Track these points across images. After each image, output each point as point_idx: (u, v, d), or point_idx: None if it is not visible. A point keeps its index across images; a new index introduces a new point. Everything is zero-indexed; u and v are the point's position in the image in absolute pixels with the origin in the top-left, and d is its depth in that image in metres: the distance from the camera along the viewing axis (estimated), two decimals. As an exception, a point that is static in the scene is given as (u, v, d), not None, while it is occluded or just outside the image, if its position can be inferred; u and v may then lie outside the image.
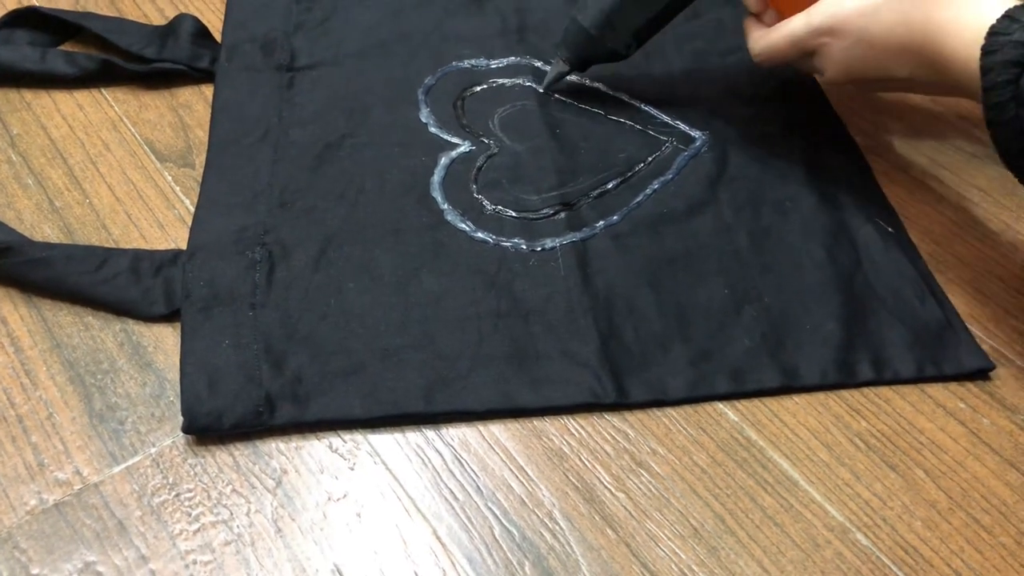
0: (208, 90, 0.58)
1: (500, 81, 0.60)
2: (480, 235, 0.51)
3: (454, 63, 0.61)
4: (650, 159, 0.56)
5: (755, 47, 0.53)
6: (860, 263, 0.51)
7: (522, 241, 0.50)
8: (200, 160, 0.54)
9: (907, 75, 0.47)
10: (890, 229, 0.53)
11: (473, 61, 0.61)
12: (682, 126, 0.58)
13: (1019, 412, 0.46)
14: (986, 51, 0.41)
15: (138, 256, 0.47)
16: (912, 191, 0.56)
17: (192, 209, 0.51)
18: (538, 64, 0.61)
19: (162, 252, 0.48)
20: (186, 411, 0.42)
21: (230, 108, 0.56)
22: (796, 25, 0.50)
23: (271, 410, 0.42)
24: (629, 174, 0.55)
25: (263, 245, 0.48)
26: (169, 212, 0.51)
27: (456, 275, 0.48)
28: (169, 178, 0.53)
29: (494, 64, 0.61)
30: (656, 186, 0.54)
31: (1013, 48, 0.40)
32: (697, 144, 0.57)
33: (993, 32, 0.41)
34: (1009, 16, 0.41)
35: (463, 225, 0.51)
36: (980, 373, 0.47)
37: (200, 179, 0.52)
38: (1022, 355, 0.48)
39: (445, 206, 0.52)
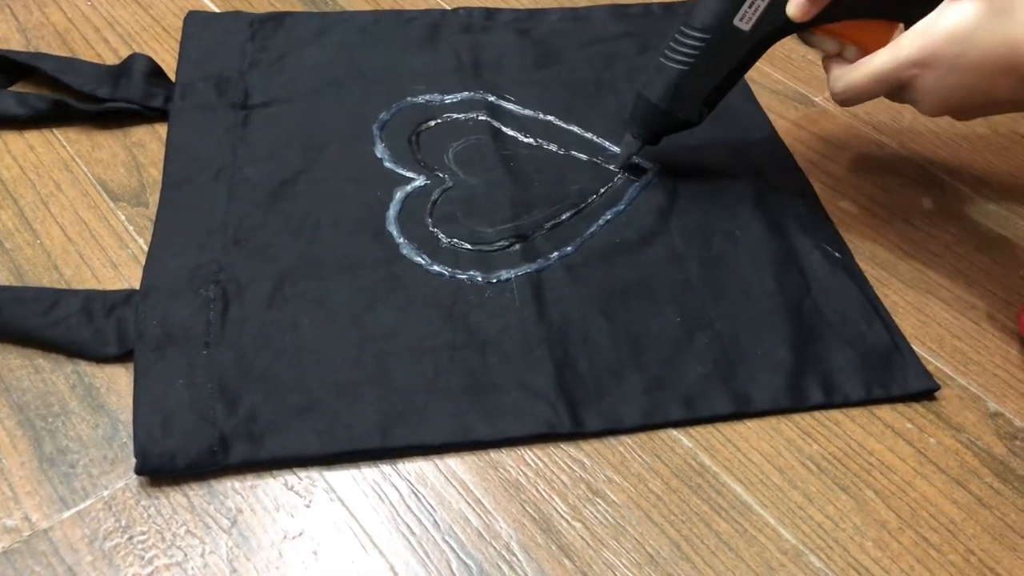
0: (162, 128, 0.58)
1: (455, 116, 0.61)
2: (436, 268, 0.51)
3: (408, 98, 0.62)
4: (602, 191, 0.57)
5: (836, 86, 0.50)
6: (809, 289, 0.52)
7: (478, 273, 0.51)
8: (153, 199, 0.54)
9: (1010, 97, 0.45)
10: (837, 255, 0.54)
11: (427, 96, 0.62)
12: (633, 158, 0.59)
13: (964, 431, 0.47)
14: None
15: (90, 297, 0.47)
16: (856, 216, 0.58)
17: (145, 248, 0.51)
18: (491, 99, 0.62)
19: (115, 292, 0.47)
20: (139, 452, 0.41)
21: (184, 147, 0.56)
22: (881, 60, 0.48)
23: (225, 449, 0.42)
24: (582, 205, 0.56)
25: (217, 283, 0.48)
26: (123, 252, 0.51)
27: (412, 308, 0.49)
28: (123, 217, 0.53)
29: (448, 99, 0.62)
30: (609, 217, 0.55)
31: None
32: (648, 176, 0.58)
33: None
34: None
35: (419, 259, 0.51)
36: (926, 394, 0.48)
37: (153, 218, 0.52)
38: (965, 375, 0.49)
39: (401, 240, 0.52)
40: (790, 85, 0.67)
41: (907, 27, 0.47)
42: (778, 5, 0.49)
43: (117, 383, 0.45)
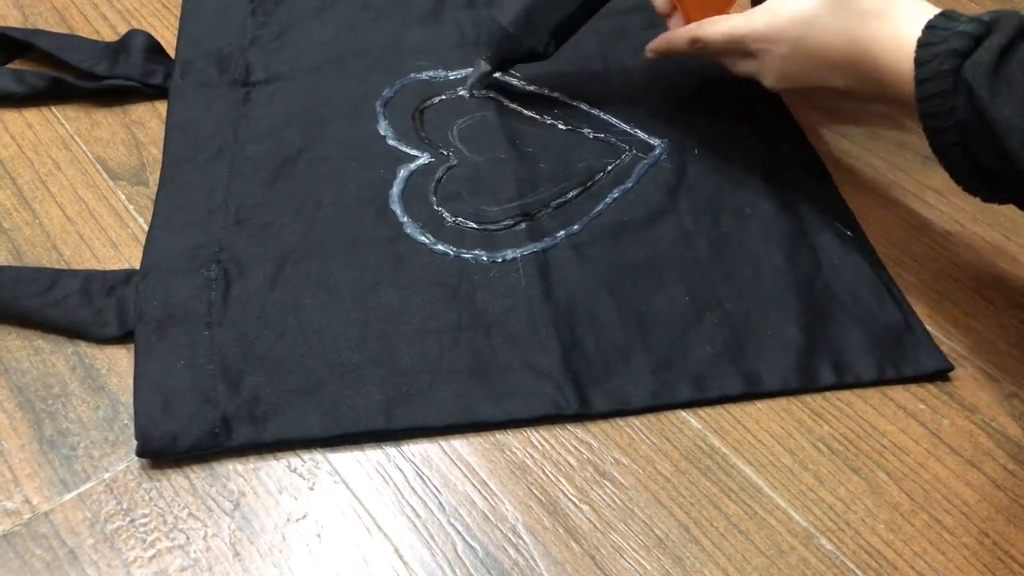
0: (162, 106, 0.57)
1: (460, 92, 0.60)
2: (440, 247, 0.50)
3: (412, 75, 0.61)
4: (609, 168, 0.56)
5: (694, 31, 0.52)
6: (820, 268, 0.51)
7: (483, 253, 0.50)
8: (153, 178, 0.53)
9: (843, 86, 0.47)
10: (849, 233, 0.53)
11: (431, 73, 0.61)
12: (641, 134, 0.58)
13: (978, 412, 0.46)
14: (922, 44, 0.41)
15: (89, 277, 0.46)
16: (868, 194, 0.56)
17: (145, 227, 0.50)
18: (497, 75, 0.61)
19: (114, 272, 0.47)
20: (140, 434, 0.41)
21: (184, 125, 0.55)
22: (737, 24, 0.50)
23: (228, 431, 0.41)
24: (589, 183, 0.55)
25: (219, 263, 0.48)
26: (123, 231, 0.50)
27: (416, 288, 0.48)
28: (123, 196, 0.52)
29: (452, 75, 0.61)
30: (616, 195, 0.54)
31: (957, 39, 0.40)
32: (656, 152, 0.57)
33: (931, 26, 0.41)
34: (945, 14, 0.42)
35: (423, 238, 0.51)
36: (939, 374, 0.47)
37: (153, 197, 0.52)
38: (980, 355, 0.48)
39: (404, 219, 0.52)
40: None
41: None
42: None
43: (118, 364, 0.44)
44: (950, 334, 0.49)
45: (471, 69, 0.61)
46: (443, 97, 0.60)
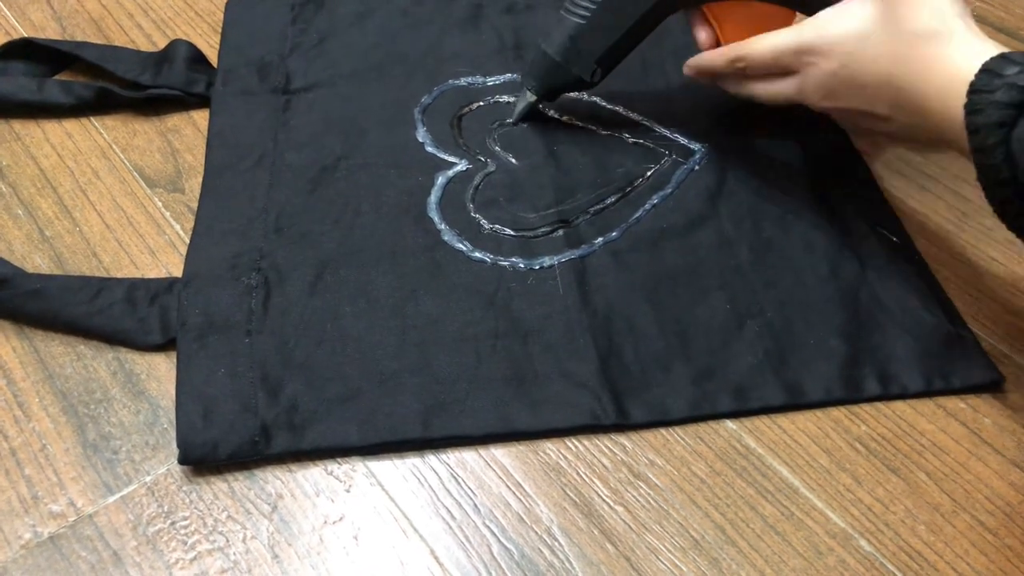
0: (197, 114, 0.58)
1: (497, 98, 0.60)
2: (478, 255, 0.50)
3: (450, 81, 0.61)
4: (649, 173, 0.55)
5: (735, 50, 0.50)
6: (865, 275, 0.50)
7: (520, 260, 0.50)
8: (190, 185, 0.53)
9: (886, 113, 0.45)
10: (895, 239, 0.52)
11: (469, 79, 0.61)
12: (680, 139, 0.57)
13: (1021, 411, 0.45)
14: (969, 110, 0.38)
15: (133, 285, 0.47)
16: (905, 188, 0.55)
17: (182, 234, 0.51)
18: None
19: (157, 280, 0.47)
20: (181, 442, 0.41)
21: (226, 133, 0.56)
22: (785, 37, 0.48)
23: (267, 440, 0.41)
24: (628, 189, 0.54)
25: (259, 271, 0.48)
26: (160, 238, 0.51)
27: (453, 296, 0.48)
28: (159, 204, 0.53)
29: (491, 81, 0.61)
30: (655, 201, 0.54)
31: (997, 109, 0.37)
32: (696, 157, 0.57)
33: (975, 90, 0.38)
34: (988, 71, 0.38)
35: (460, 245, 0.51)
36: (990, 386, 0.46)
37: (190, 204, 0.52)
38: (1022, 353, 0.47)
39: (442, 226, 0.51)
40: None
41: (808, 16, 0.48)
42: None
43: (157, 369, 0.45)
44: (991, 332, 0.48)
45: (510, 75, 0.61)
46: (481, 103, 0.59)
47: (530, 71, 0.55)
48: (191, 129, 0.57)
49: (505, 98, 0.60)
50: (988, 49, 0.40)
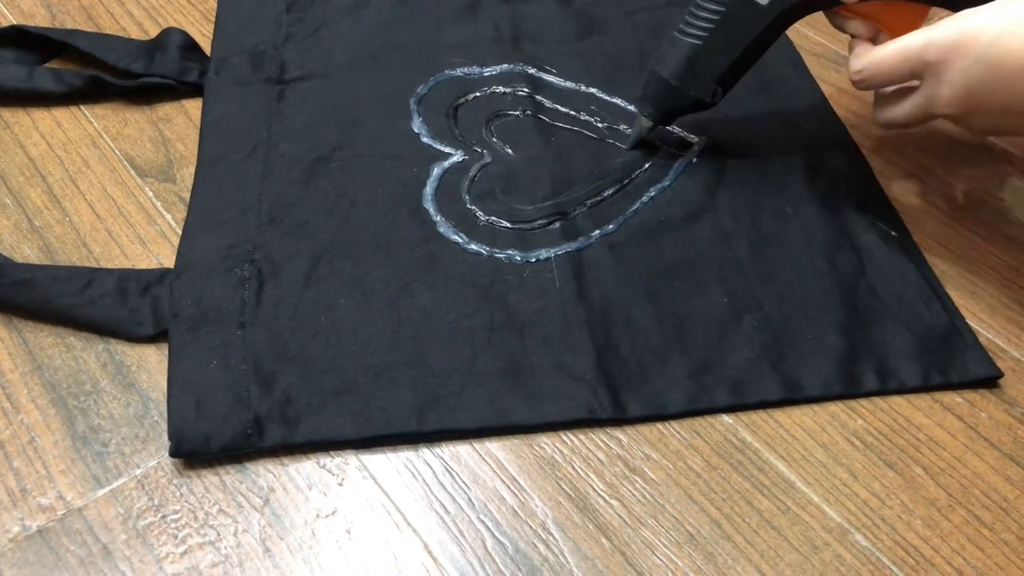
0: (189, 103, 0.57)
1: (494, 89, 0.59)
2: (473, 247, 0.50)
3: (446, 71, 0.60)
4: (647, 165, 0.55)
5: (856, 63, 0.47)
6: (863, 269, 0.50)
7: (516, 252, 0.49)
8: (181, 175, 0.53)
9: None
10: (893, 233, 0.52)
11: (466, 69, 0.60)
12: (679, 131, 0.57)
13: (1017, 405, 0.44)
14: None
15: (125, 276, 0.46)
16: (903, 183, 0.55)
17: (174, 225, 0.50)
18: (531, 71, 0.60)
19: (149, 271, 0.47)
20: (173, 435, 0.40)
21: (219, 123, 0.55)
22: (913, 38, 0.44)
23: (260, 432, 0.41)
24: (625, 181, 0.54)
25: (252, 262, 0.47)
26: (151, 228, 0.50)
27: (449, 288, 0.47)
28: (150, 193, 0.52)
29: (487, 72, 0.60)
30: (653, 193, 0.53)
31: None
32: (694, 149, 0.56)
33: None
34: None
35: (456, 237, 0.50)
36: (988, 381, 0.45)
37: (181, 194, 0.52)
38: (1019, 347, 0.47)
39: (438, 218, 0.51)
40: (830, 47, 0.65)
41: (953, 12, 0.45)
42: None
43: (147, 361, 0.44)
44: (988, 325, 0.48)
45: (507, 66, 0.61)
46: (478, 94, 0.59)
47: (645, 96, 0.52)
48: (183, 118, 0.56)
49: (501, 89, 0.59)
50: None
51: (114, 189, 0.52)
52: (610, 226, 0.51)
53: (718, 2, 0.48)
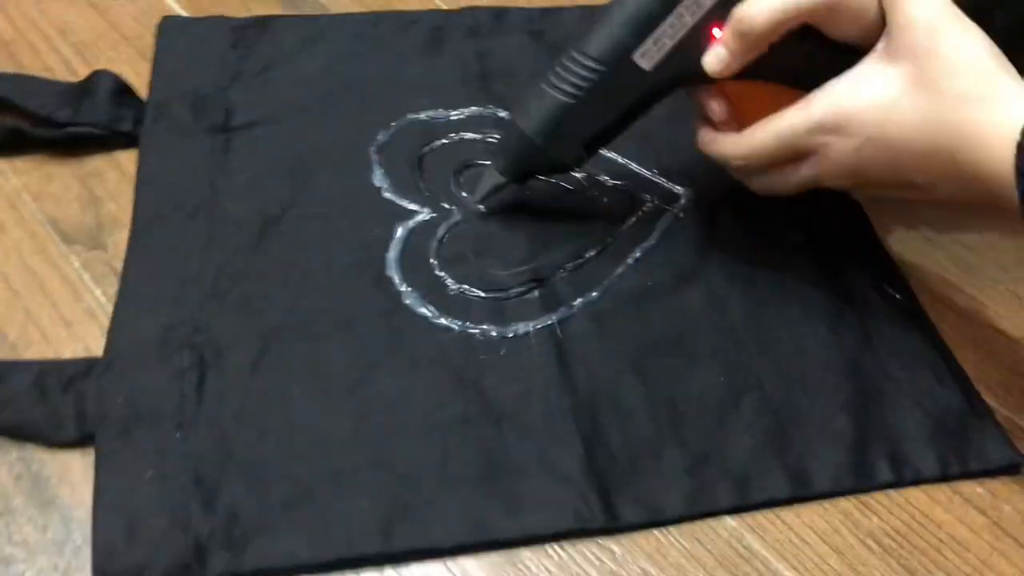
0: (123, 156, 0.51)
1: (462, 135, 0.54)
2: (443, 321, 0.45)
3: (409, 115, 0.55)
4: (631, 221, 0.50)
5: (734, 150, 0.44)
6: (869, 340, 0.46)
7: (492, 327, 0.44)
8: (113, 240, 0.47)
9: (925, 183, 0.40)
10: (898, 296, 0.48)
11: (431, 112, 0.55)
12: (664, 182, 0.53)
13: None
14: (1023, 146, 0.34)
15: (44, 371, 0.40)
16: (903, 239, 0.51)
17: (104, 301, 0.44)
18: (503, 115, 0.55)
19: (73, 362, 0.41)
20: (98, 567, 0.35)
21: (156, 179, 0.49)
22: (792, 120, 0.42)
23: (201, 560, 0.35)
24: (608, 241, 0.49)
25: (193, 348, 0.42)
26: (77, 306, 0.44)
27: (417, 372, 0.42)
28: (77, 264, 0.46)
29: (455, 115, 0.55)
30: (638, 255, 0.49)
31: None
32: (681, 202, 0.52)
33: None
34: None
35: (424, 309, 0.45)
36: (1010, 469, 0.42)
37: (113, 264, 0.45)
38: None
39: (404, 288, 0.46)
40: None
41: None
42: (687, 49, 0.42)
43: (70, 472, 0.38)
44: (1002, 399, 0.44)
45: (476, 108, 0.56)
46: (445, 141, 0.54)
47: (501, 150, 0.47)
48: (116, 174, 0.50)
49: (470, 135, 0.54)
50: None
51: (34, 258, 0.46)
52: (593, 293, 0.47)
53: (598, 60, 0.43)
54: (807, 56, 0.42)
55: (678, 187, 0.52)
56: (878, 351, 0.45)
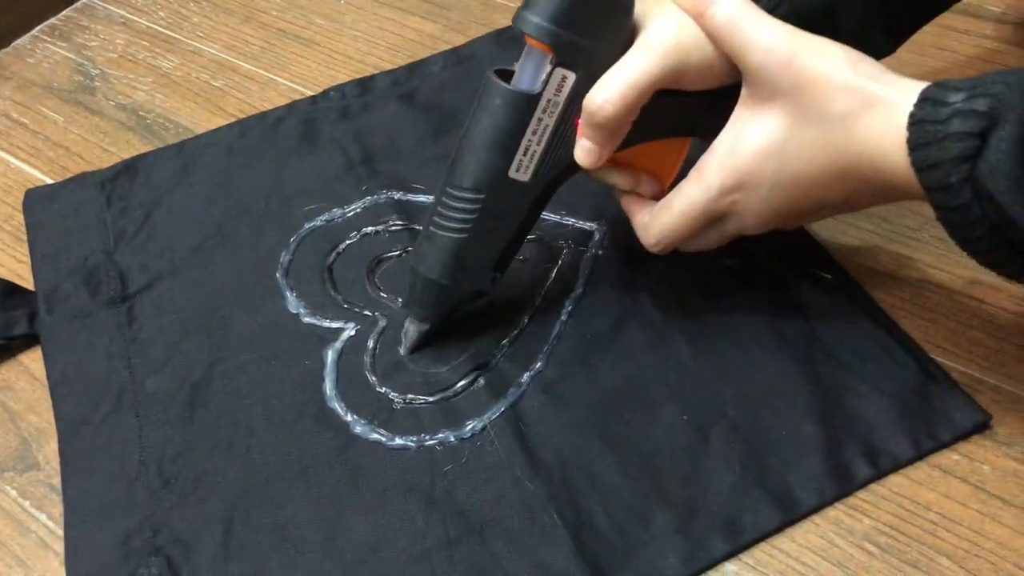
0: (27, 358, 0.49)
1: (363, 231, 0.53)
2: (399, 441, 0.44)
3: (306, 225, 0.53)
4: (553, 273, 0.50)
5: (647, 237, 0.43)
6: (813, 330, 0.46)
7: (449, 433, 0.44)
8: (43, 455, 0.45)
9: (845, 199, 0.39)
10: (828, 276, 0.48)
11: (325, 216, 0.54)
12: (575, 222, 0.52)
13: (1015, 444, 0.41)
14: (916, 146, 0.34)
15: (11, 628, 0.39)
16: (820, 223, 0.51)
17: (52, 526, 0.42)
18: (397, 196, 0.54)
19: (39, 610, 0.39)
20: None
21: (69, 375, 0.47)
22: (691, 195, 0.41)
23: None
24: (537, 301, 0.49)
25: (157, 551, 0.40)
26: (26, 540, 0.42)
27: (387, 506, 0.41)
28: (13, 493, 0.44)
29: (350, 211, 0.54)
30: (570, 307, 0.48)
31: (956, 141, 0.33)
32: (597, 239, 0.51)
33: (920, 120, 0.34)
34: (931, 98, 0.34)
35: (375, 435, 0.44)
36: (980, 428, 0.42)
37: (51, 482, 0.44)
38: (994, 372, 0.44)
39: (349, 417, 0.45)
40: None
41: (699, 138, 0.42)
42: (560, 148, 0.42)
43: None
44: (953, 355, 0.45)
45: (370, 197, 0.54)
46: (348, 242, 0.52)
47: (414, 301, 0.46)
48: (26, 380, 0.48)
49: (371, 228, 0.53)
50: (912, 90, 0.35)
51: (-34, 502, 0.44)
52: (537, 364, 0.46)
53: (473, 189, 0.42)
54: (677, 111, 0.41)
55: (590, 223, 0.52)
56: (825, 340, 0.45)
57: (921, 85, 0.35)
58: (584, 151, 0.41)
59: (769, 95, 0.38)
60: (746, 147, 0.39)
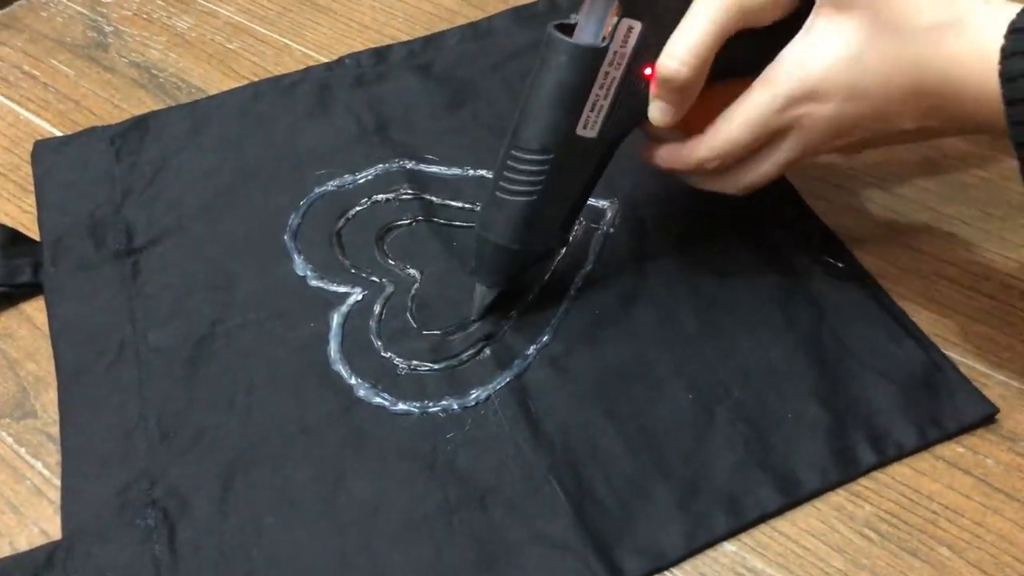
0: (29, 307, 0.48)
1: (374, 198, 0.53)
2: (402, 406, 0.43)
3: (315, 189, 0.53)
4: (563, 250, 0.49)
5: (701, 153, 0.41)
6: (822, 316, 0.46)
7: (452, 400, 0.43)
8: (41, 403, 0.44)
9: (916, 127, 0.38)
10: (840, 264, 0.48)
11: (336, 181, 0.53)
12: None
13: (1022, 440, 0.41)
14: (1008, 54, 0.32)
15: (3, 570, 0.38)
16: (832, 204, 0.51)
17: (47, 474, 0.42)
18: (410, 165, 0.54)
19: (31, 554, 0.39)
20: None
21: (71, 325, 0.47)
22: (758, 103, 0.39)
23: None
24: (546, 275, 0.48)
25: (154, 504, 0.40)
26: (20, 487, 0.42)
27: (387, 469, 0.41)
28: (9, 440, 0.43)
29: (361, 178, 0.54)
30: (579, 283, 0.48)
31: None
32: (608, 216, 0.51)
33: (1017, 29, 0.32)
34: (1019, 30, 0.33)
35: (379, 399, 0.44)
36: (986, 420, 0.42)
37: (48, 430, 0.43)
38: (1001, 367, 0.44)
39: (353, 380, 0.44)
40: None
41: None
42: (628, 100, 0.40)
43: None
44: (962, 348, 0.44)
45: (381, 165, 0.54)
46: (359, 208, 0.52)
47: (482, 267, 0.45)
48: (27, 329, 0.48)
49: (382, 196, 0.53)
50: (1012, 8, 0.34)
51: (-38, 445, 0.44)
52: (544, 337, 0.46)
53: (541, 151, 0.41)
54: (745, 51, 0.40)
55: (602, 201, 0.52)
56: (834, 326, 0.45)
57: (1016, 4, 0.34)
58: (660, 111, 0.40)
59: (848, 3, 0.37)
60: (819, 56, 0.37)
